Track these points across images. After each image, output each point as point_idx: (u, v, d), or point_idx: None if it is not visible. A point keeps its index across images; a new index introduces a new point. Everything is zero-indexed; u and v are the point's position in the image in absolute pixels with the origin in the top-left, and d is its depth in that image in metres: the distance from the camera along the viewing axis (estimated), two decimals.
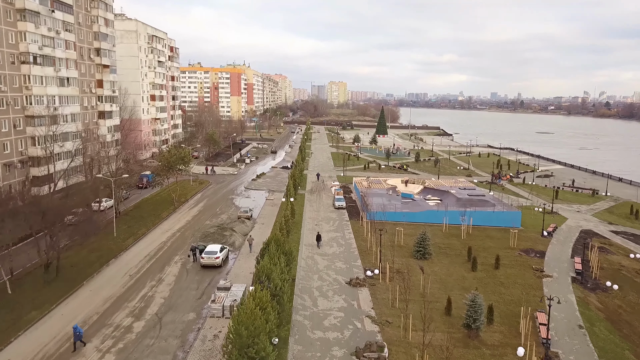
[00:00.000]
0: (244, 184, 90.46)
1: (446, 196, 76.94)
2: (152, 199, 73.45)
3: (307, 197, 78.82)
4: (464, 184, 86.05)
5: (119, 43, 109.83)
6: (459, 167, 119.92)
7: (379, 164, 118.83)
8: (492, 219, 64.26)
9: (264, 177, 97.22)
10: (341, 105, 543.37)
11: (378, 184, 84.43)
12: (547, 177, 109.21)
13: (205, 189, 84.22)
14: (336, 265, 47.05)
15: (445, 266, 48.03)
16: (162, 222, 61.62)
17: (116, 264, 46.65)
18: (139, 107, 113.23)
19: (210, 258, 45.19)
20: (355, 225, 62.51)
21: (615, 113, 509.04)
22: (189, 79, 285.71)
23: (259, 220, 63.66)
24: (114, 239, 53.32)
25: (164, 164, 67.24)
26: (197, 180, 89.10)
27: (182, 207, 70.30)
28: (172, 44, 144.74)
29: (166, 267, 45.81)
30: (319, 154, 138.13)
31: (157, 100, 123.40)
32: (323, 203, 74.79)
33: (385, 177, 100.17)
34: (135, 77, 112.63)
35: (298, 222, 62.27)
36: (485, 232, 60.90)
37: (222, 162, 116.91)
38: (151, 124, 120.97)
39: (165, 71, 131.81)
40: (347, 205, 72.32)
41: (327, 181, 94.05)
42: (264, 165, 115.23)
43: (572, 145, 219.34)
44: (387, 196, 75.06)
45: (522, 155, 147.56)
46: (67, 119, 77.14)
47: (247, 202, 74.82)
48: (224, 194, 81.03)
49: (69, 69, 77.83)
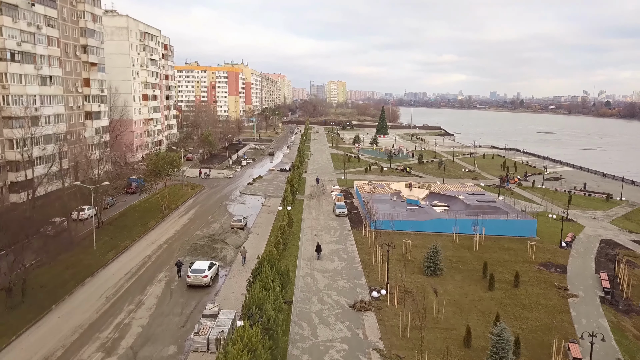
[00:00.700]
0: (239, 188, 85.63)
1: (454, 202, 72.25)
2: (140, 206, 68.61)
3: (306, 203, 74.07)
4: (471, 188, 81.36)
5: (108, 40, 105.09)
6: (464, 170, 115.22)
7: (380, 166, 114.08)
8: (506, 228, 59.53)
9: (261, 181, 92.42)
10: (340, 104, 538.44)
11: (381, 188, 79.71)
12: (557, 180, 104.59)
13: (198, 194, 79.40)
14: (338, 284, 42.28)
15: (459, 284, 43.30)
16: (148, 233, 56.78)
17: (92, 283, 41.80)
18: (130, 107, 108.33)
19: (197, 277, 40.38)
20: (358, 235, 57.74)
21: (616, 112, 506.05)
22: (185, 78, 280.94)
23: (253, 229, 58.84)
24: (93, 252, 48.54)
25: (151, 169, 62.33)
26: (189, 185, 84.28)
27: (172, 214, 65.48)
28: (166, 41, 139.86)
29: (148, 287, 40.99)
30: (318, 156, 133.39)
31: (150, 100, 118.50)
32: (323, 209, 70.04)
33: (388, 180, 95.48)
34: (126, 76, 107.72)
35: (296, 232, 57.50)
36: (498, 243, 56.21)
37: (218, 164, 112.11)
38: (143, 125, 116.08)
39: (159, 70, 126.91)
40: (348, 212, 67.57)
41: (327, 185, 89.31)
42: (261, 168, 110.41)
43: (576, 145, 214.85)
44: (391, 202, 70.36)
45: (528, 157, 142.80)
46: (50, 120, 72.29)
47: (241, 209, 70.01)
48: (218, 199, 76.18)
49: (52, 66, 72.95)
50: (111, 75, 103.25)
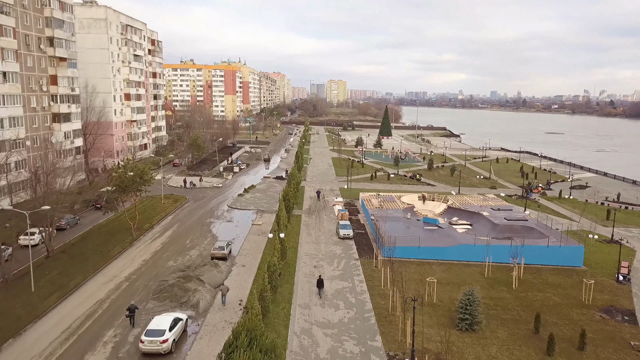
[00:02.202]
0: (227, 201, 74.83)
1: (477, 219, 61.65)
2: (106, 226, 57.84)
3: (304, 220, 63.42)
4: (495, 201, 70.67)
5: (85, 33, 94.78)
6: (479, 176, 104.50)
7: (387, 172, 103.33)
8: (547, 256, 48.90)
9: (253, 191, 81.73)
10: (341, 104, 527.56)
11: (391, 201, 69.07)
12: (583, 189, 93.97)
13: (179, 209, 68.69)
14: (345, 349, 31.58)
15: (504, 344, 32.66)
16: (109, 264, 46.05)
17: (11, 350, 30.98)
18: (110, 108, 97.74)
19: (153, 342, 29.57)
20: (367, 266, 47.07)
21: (621, 112, 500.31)
22: (180, 77, 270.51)
23: (239, 259, 48.08)
24: (30, 295, 37.95)
25: (116, 184, 51.48)
26: (170, 198, 73.54)
27: (144, 237, 54.74)
28: (154, 36, 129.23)
29: (88, 356, 30.27)
30: (319, 160, 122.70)
31: (133, 99, 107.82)
32: (324, 229, 59.37)
33: (397, 189, 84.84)
34: (106, 73, 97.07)
35: (291, 262, 46.87)
36: (540, 276, 45.67)
37: (207, 170, 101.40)
38: (126, 127, 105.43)
39: (144, 67, 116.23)
40: (354, 233, 56.85)
41: (329, 195, 78.72)
42: (254, 175, 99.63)
43: (587, 146, 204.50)
44: (404, 220, 59.72)
45: (546, 161, 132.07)
46: (4, 123, 61.76)
47: (227, 229, 59.27)
48: (201, 216, 65.39)
49: (6, 60, 62.37)
50: (88, 72, 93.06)
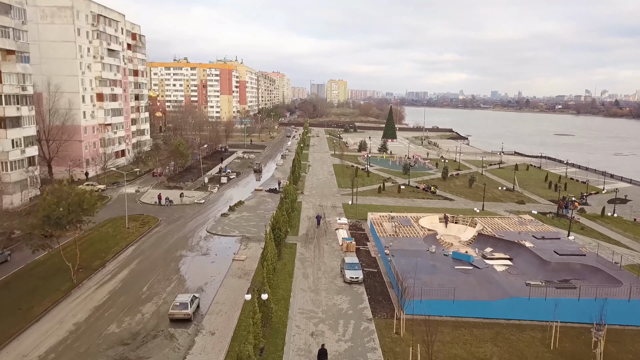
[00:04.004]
0: (207, 223, 61.65)
1: (517, 251, 48.80)
2: (44, 265, 44.69)
3: (300, 252, 50.41)
4: (535, 226, 57.65)
5: (48, 24, 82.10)
6: (501, 188, 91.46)
7: (397, 184, 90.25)
8: (629, 313, 36.00)
9: (241, 209, 68.73)
10: (341, 104, 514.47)
11: (407, 225, 56.10)
12: (624, 203, 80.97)
13: (145, 235, 55.60)
14: None
15: None
16: (22, 332, 32.99)
17: None
18: (78, 110, 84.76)
19: None
20: (385, 331, 33.98)
21: (627, 113, 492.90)
22: (174, 76, 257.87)
23: (208, 320, 34.97)
24: None
25: (44, 217, 38.08)
26: (139, 219, 60.56)
27: (88, 281, 41.72)
28: (136, 30, 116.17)
29: None
30: (318, 168, 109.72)
31: (108, 100, 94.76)
32: (325, 267, 46.33)
33: (410, 205, 71.79)
34: (72, 70, 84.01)
35: (279, 328, 33.87)
36: (625, 346, 32.77)
37: (191, 181, 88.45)
38: (98, 132, 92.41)
39: (122, 63, 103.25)
40: (365, 273, 43.77)
41: (330, 214, 65.81)
42: (244, 188, 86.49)
43: (602, 149, 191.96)
44: (426, 255, 46.77)
45: (572, 168, 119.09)
46: None
47: (200, 266, 46.18)
48: (171, 246, 52.24)
49: None
50: (51, 68, 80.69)
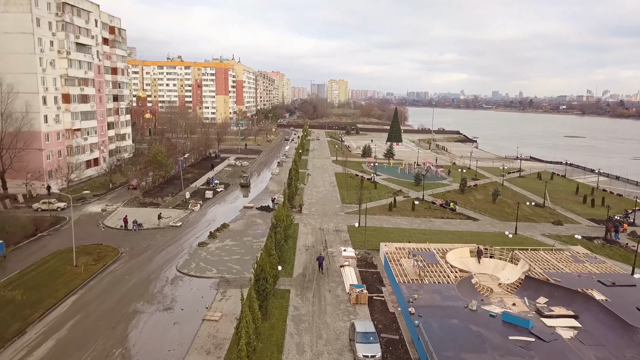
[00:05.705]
0: (181, 255, 49.34)
1: (584, 306, 36.57)
2: None
3: (294, 303, 38.16)
4: (594, 262, 45.35)
5: (1, 12, 70.02)
6: (529, 203, 79.02)
7: (410, 198, 77.89)
8: None
9: (223, 235, 56.40)
10: (342, 104, 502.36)
11: (432, 263, 43.89)
12: None
13: (96, 277, 43.23)
14: None
15: None
16: None
17: None
18: (37, 113, 72.60)
19: None
20: None
21: (634, 113, 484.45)
22: (167, 76, 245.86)
23: None
24: None
25: None
26: (94, 252, 48.29)
27: None
28: (115, 23, 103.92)
29: None
30: (319, 177, 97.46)
31: (76, 101, 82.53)
32: (327, 334, 34.02)
33: (428, 227, 59.23)
34: (30, 67, 71.85)
35: None
36: None
37: (171, 195, 76.22)
38: (64, 139, 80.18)
39: (95, 59, 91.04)
40: (383, 343, 31.59)
41: (334, 243, 53.63)
42: (232, 203, 74.20)
43: (619, 152, 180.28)
44: (466, 315, 34.51)
45: (602, 177, 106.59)
46: None
47: (157, 331, 33.81)
48: (125, 295, 39.82)
49: None
50: (4, 65, 68.50)
